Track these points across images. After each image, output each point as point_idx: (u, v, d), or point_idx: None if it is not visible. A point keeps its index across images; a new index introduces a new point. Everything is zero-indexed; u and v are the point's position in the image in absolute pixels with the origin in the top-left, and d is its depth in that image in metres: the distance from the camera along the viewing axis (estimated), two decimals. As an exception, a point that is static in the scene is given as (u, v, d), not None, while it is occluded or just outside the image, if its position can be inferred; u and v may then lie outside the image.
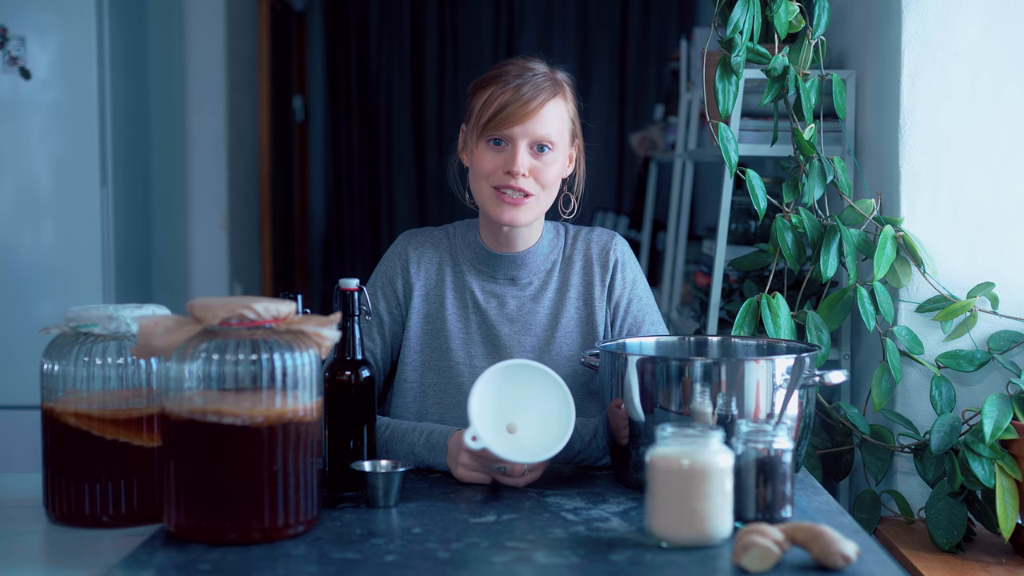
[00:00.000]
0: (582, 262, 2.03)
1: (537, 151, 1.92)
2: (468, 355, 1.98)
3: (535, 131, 1.91)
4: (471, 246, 2.03)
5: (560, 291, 2.02)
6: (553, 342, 1.99)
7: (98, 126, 3.64)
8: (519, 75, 1.93)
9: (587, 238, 2.05)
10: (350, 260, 6.24)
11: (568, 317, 2.00)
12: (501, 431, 1.74)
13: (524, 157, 1.91)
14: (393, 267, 2.04)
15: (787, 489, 1.56)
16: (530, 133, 1.91)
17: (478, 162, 1.95)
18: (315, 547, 1.48)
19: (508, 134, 1.91)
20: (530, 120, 1.90)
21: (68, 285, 3.64)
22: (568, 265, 2.03)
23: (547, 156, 1.93)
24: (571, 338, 2.00)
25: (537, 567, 1.41)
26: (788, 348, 1.91)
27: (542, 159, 1.93)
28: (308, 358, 1.53)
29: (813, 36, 2.39)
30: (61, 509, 1.63)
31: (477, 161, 1.95)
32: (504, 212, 1.93)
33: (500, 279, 2.01)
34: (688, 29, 4.96)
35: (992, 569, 2.04)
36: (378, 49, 6.19)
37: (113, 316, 1.63)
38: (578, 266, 2.03)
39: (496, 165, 1.93)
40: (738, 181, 2.47)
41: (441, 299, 2.01)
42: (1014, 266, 2.31)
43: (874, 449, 2.31)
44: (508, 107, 1.90)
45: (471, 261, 2.03)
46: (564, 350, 1.99)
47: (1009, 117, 2.31)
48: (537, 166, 1.92)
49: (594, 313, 2.01)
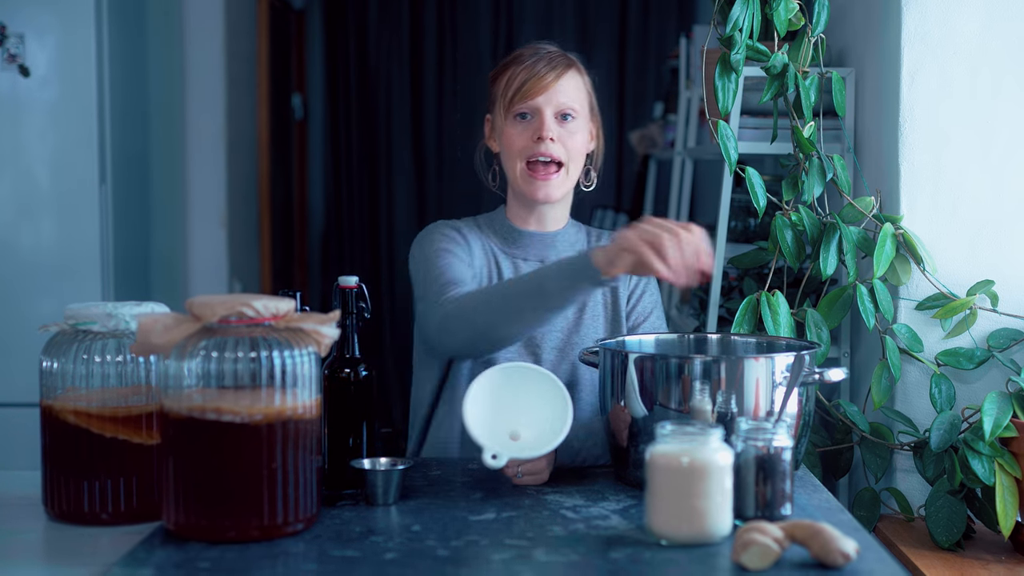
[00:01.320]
0: None
1: (562, 119, 2.02)
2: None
3: (558, 99, 2.01)
4: (501, 227, 2.11)
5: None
6: (581, 324, 2.06)
7: (97, 124, 3.64)
8: (534, 53, 2.05)
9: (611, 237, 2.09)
10: (349, 258, 6.23)
11: (595, 301, 2.08)
12: (506, 438, 1.73)
13: (551, 123, 2.01)
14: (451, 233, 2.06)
15: (787, 487, 1.56)
16: (553, 102, 2.01)
17: (508, 140, 2.04)
18: (314, 545, 1.48)
19: (533, 105, 2.01)
20: (551, 90, 2.01)
21: (67, 282, 3.64)
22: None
23: (571, 124, 2.03)
24: (597, 321, 2.07)
25: (536, 565, 1.41)
26: (788, 346, 1.90)
27: (567, 127, 2.02)
28: (307, 356, 1.53)
29: (813, 34, 2.39)
30: (60, 507, 1.62)
31: (507, 140, 2.04)
32: (538, 189, 2.02)
33: (531, 259, 2.08)
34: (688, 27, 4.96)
35: (992, 567, 2.04)
36: (377, 47, 6.18)
37: (112, 314, 1.62)
38: None
39: (525, 138, 2.02)
40: (738, 179, 2.46)
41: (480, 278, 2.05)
42: (1014, 264, 2.31)
43: (874, 447, 2.31)
44: (529, 80, 2.01)
45: (501, 241, 2.10)
46: (591, 332, 2.06)
47: (1009, 115, 2.31)
48: (563, 134, 2.02)
49: (619, 299, 2.09)
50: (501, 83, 2.05)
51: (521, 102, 2.01)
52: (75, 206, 3.64)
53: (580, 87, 2.05)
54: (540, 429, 1.72)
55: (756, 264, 2.53)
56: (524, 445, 1.70)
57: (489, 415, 1.71)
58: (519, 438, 1.73)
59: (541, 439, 1.71)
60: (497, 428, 1.72)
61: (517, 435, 1.73)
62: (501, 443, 1.69)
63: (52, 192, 3.64)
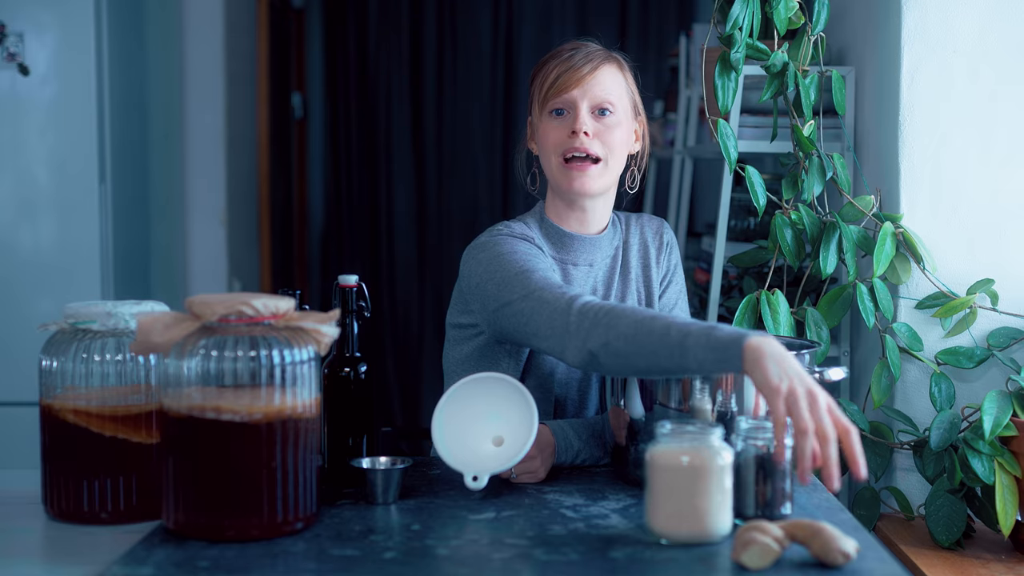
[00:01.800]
0: (639, 245, 2.09)
1: (599, 115, 1.96)
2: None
3: (593, 93, 1.95)
4: (547, 231, 2.02)
5: (623, 274, 2.06)
6: None
7: (96, 122, 3.64)
8: (573, 48, 2.00)
9: (639, 222, 2.12)
10: (349, 256, 6.23)
11: (631, 300, 2.06)
12: (487, 451, 1.72)
13: (586, 118, 1.95)
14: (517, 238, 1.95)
15: (787, 486, 1.56)
16: (588, 95, 1.95)
17: (543, 137, 1.99)
18: (314, 544, 1.48)
19: (568, 99, 1.95)
20: (586, 83, 1.95)
21: (67, 281, 3.64)
22: (627, 249, 2.08)
23: (608, 119, 1.96)
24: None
25: (536, 564, 1.41)
26: (788, 345, 1.90)
27: (603, 122, 1.96)
28: (307, 355, 1.53)
29: (813, 32, 2.39)
30: (60, 506, 1.62)
31: (543, 136, 1.99)
32: (573, 181, 1.95)
33: (580, 264, 2.02)
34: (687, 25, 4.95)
35: (992, 566, 2.04)
36: (377, 46, 6.18)
37: (112, 312, 1.62)
38: (635, 249, 2.08)
39: (560, 134, 1.96)
40: (737, 177, 2.46)
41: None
42: (1014, 263, 2.31)
43: (874, 446, 2.31)
44: (564, 74, 1.95)
45: (549, 246, 2.02)
46: None
47: (1009, 113, 2.31)
48: (600, 128, 1.95)
49: (652, 293, 2.08)
50: (539, 80, 1.99)
51: (556, 96, 1.95)
52: (75, 205, 3.64)
53: (620, 82, 1.98)
54: (514, 435, 1.72)
55: (756, 263, 2.53)
56: (498, 457, 1.70)
57: (462, 433, 1.71)
58: (502, 443, 1.72)
59: (515, 446, 1.70)
60: (473, 444, 1.71)
61: (500, 440, 1.73)
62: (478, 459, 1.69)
63: (52, 191, 3.64)
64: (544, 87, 1.97)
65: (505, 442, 1.72)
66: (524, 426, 1.70)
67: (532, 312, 1.78)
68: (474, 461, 1.69)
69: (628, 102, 2.00)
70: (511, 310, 1.82)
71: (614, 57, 2.00)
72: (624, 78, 2.00)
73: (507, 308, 1.83)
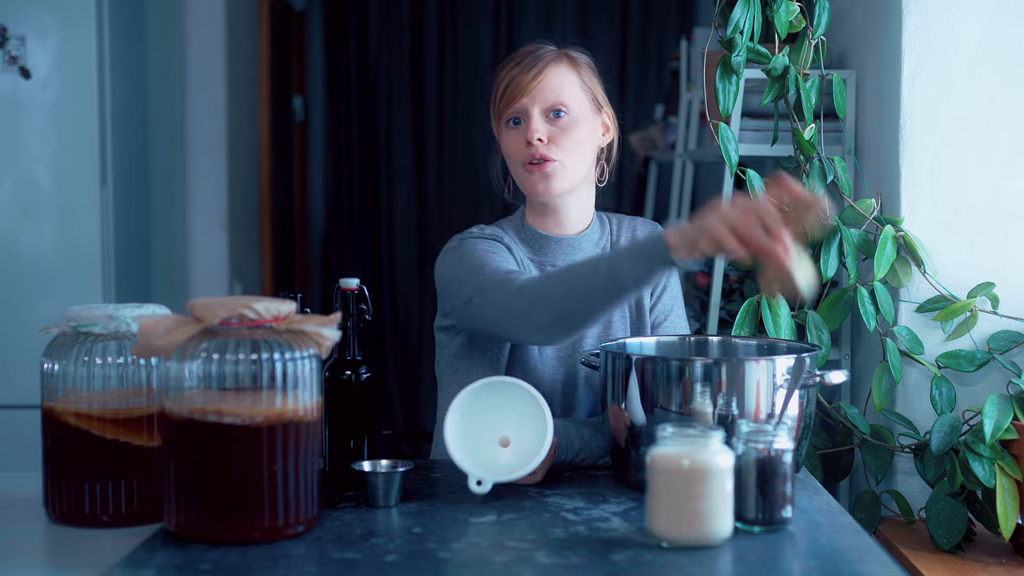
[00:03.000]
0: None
1: (553, 117, 1.95)
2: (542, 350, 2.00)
3: (544, 96, 1.95)
4: (523, 234, 2.05)
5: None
6: (610, 326, 2.04)
7: (98, 126, 3.64)
8: (522, 55, 1.99)
9: (632, 224, 2.11)
10: (350, 259, 6.23)
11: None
12: (494, 455, 1.73)
13: (539, 124, 1.94)
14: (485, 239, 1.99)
15: (787, 489, 1.56)
16: (539, 100, 1.95)
17: (505, 148, 2.00)
18: (315, 547, 1.48)
19: (519, 107, 1.96)
20: (534, 88, 1.95)
21: (68, 284, 3.64)
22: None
23: (563, 121, 1.96)
24: (625, 322, 2.06)
25: (537, 567, 1.41)
26: (788, 348, 1.90)
27: (558, 124, 1.95)
28: (308, 358, 1.53)
29: (813, 36, 2.39)
30: (61, 509, 1.62)
31: (505, 147, 2.00)
32: (536, 183, 1.96)
33: (560, 265, 2.02)
34: (688, 29, 4.96)
35: (992, 569, 2.04)
36: (378, 49, 6.19)
37: (113, 315, 1.62)
38: None
39: (519, 144, 1.97)
40: (738, 181, 2.46)
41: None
42: (1014, 266, 2.31)
43: (874, 449, 2.31)
44: (513, 82, 1.95)
45: (526, 248, 2.04)
46: (619, 333, 2.04)
47: (1010, 117, 2.31)
48: (555, 132, 1.95)
49: (642, 296, 2.07)
50: (495, 87, 2.00)
51: (508, 107, 1.96)
52: (76, 208, 3.64)
53: (572, 80, 1.97)
54: (524, 444, 1.72)
55: (757, 266, 2.53)
56: (508, 466, 1.70)
57: (471, 436, 1.71)
58: (508, 444, 1.72)
59: (524, 455, 1.70)
60: (481, 448, 1.71)
61: (507, 440, 1.73)
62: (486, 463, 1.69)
63: (53, 194, 3.64)
64: (497, 98, 1.99)
65: (512, 444, 1.72)
66: (535, 435, 1.70)
67: (487, 305, 1.82)
68: (482, 463, 1.69)
69: (586, 98, 1.99)
70: (471, 307, 1.86)
71: (565, 55, 1.99)
72: (578, 75, 1.99)
73: (468, 305, 1.86)
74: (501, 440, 1.73)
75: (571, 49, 2.02)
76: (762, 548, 1.48)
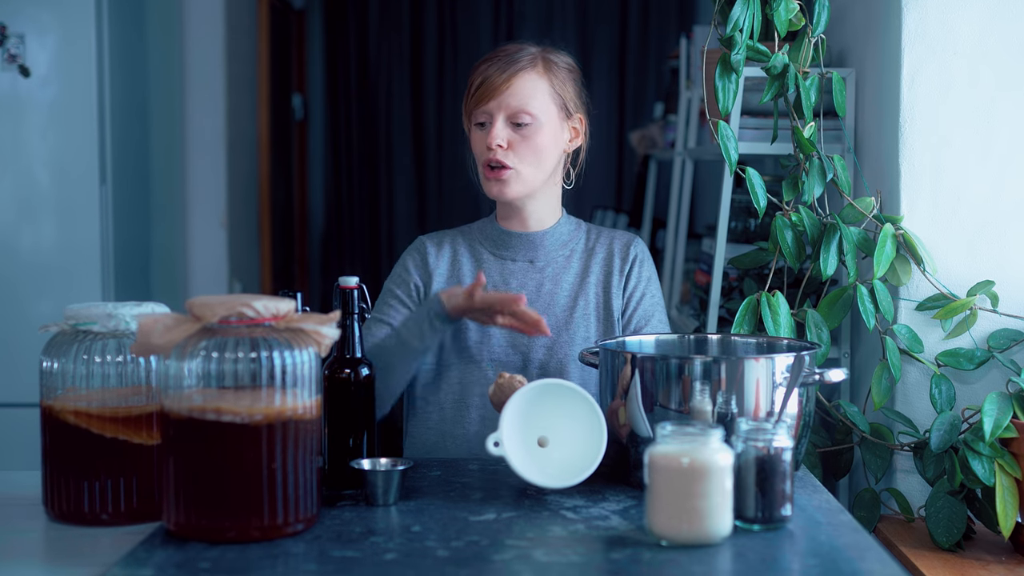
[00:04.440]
0: (604, 254, 2.13)
1: (516, 125, 2.01)
2: (485, 334, 2.05)
3: (509, 103, 2.00)
4: (489, 231, 2.14)
5: (581, 276, 2.11)
6: (572, 323, 2.07)
7: (97, 124, 3.64)
8: (505, 54, 2.03)
9: (611, 236, 2.16)
10: (349, 258, 6.24)
11: (587, 300, 2.09)
12: (530, 444, 1.73)
13: (500, 130, 2.01)
14: (412, 259, 2.13)
15: (787, 487, 1.56)
16: (504, 106, 2.00)
17: (472, 146, 2.08)
18: (314, 545, 1.48)
19: (486, 111, 2.02)
20: (502, 94, 2.00)
21: (67, 283, 3.64)
22: (590, 255, 2.13)
23: (526, 129, 2.01)
24: (588, 320, 2.08)
25: (537, 565, 1.41)
26: (788, 346, 1.90)
27: (521, 132, 2.01)
28: (307, 356, 1.53)
29: (813, 34, 2.39)
30: (60, 507, 1.62)
31: (471, 144, 2.08)
32: (491, 186, 2.05)
33: (519, 260, 2.10)
34: (688, 27, 4.96)
35: (992, 567, 2.04)
36: (378, 47, 6.18)
37: (112, 314, 1.62)
38: (600, 257, 2.12)
39: (481, 145, 2.04)
40: (738, 179, 2.46)
41: (460, 281, 2.09)
42: (1014, 264, 2.31)
43: (874, 447, 2.31)
44: (483, 84, 2.01)
45: (490, 244, 2.12)
46: (581, 331, 2.07)
47: (1009, 115, 2.31)
48: (515, 139, 2.01)
49: (611, 300, 2.10)
50: (468, 86, 2.07)
51: (476, 108, 2.03)
52: (75, 206, 3.64)
53: (541, 87, 2.02)
54: (572, 450, 1.72)
55: (756, 264, 2.53)
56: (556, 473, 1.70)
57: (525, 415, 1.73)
58: (546, 444, 1.74)
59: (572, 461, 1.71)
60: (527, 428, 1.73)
61: (545, 441, 1.74)
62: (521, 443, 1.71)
63: (52, 192, 3.64)
64: (468, 94, 2.05)
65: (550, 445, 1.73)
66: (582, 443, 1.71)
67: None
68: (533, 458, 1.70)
69: (554, 105, 2.03)
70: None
71: (541, 59, 2.03)
72: (548, 81, 2.02)
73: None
74: (539, 440, 1.74)
75: (552, 52, 2.05)
76: (761, 546, 1.48)
